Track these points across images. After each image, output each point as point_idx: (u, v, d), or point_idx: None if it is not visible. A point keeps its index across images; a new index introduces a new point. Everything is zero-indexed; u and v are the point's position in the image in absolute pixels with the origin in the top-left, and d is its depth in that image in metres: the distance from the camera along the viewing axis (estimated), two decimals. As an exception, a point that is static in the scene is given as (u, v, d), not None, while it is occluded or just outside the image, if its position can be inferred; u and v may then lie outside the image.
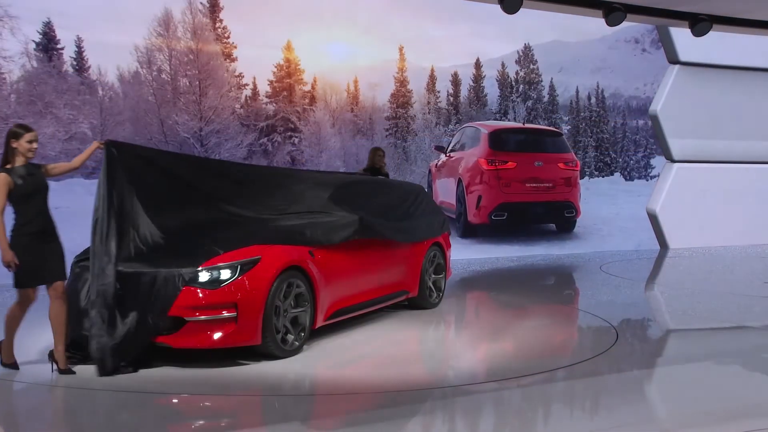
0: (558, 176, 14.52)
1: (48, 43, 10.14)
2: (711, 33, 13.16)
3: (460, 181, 13.78)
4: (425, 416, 5.03)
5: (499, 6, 9.75)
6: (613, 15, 12.12)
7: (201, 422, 4.99)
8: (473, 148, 13.73)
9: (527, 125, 14.60)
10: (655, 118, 15.16)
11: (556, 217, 14.46)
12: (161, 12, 10.76)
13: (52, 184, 9.76)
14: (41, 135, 9.83)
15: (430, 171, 14.70)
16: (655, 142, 15.13)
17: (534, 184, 14.18)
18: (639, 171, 15.14)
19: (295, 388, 5.60)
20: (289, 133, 11.65)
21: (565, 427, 4.78)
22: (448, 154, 14.49)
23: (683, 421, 4.92)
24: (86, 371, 5.74)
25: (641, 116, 15.01)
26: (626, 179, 15.03)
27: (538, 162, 14.27)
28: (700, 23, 12.77)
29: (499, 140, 13.92)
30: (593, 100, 14.54)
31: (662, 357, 6.88)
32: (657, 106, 15.14)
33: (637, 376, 5.97)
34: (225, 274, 5.79)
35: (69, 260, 6.39)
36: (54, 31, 10.15)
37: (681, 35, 14.35)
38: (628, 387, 5.64)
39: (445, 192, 14.39)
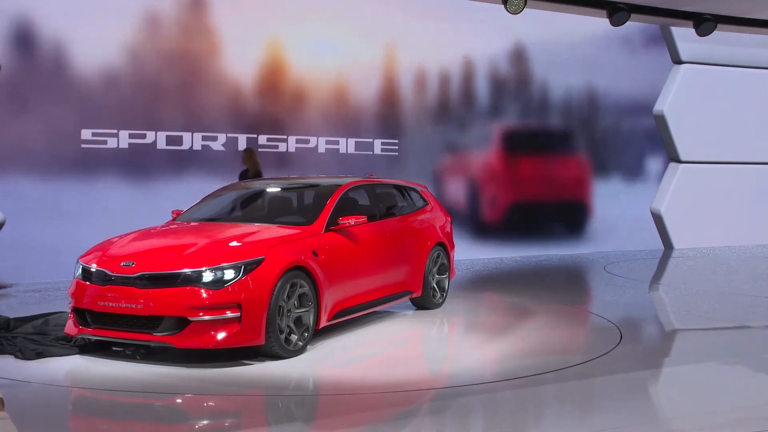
0: (570, 177, 14.54)
1: (27, 38, 10.03)
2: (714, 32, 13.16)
3: (471, 181, 13.79)
4: (429, 416, 5.03)
5: (492, 5, 9.71)
6: (618, 15, 12.14)
7: (205, 422, 5.00)
8: (485, 148, 13.74)
9: (539, 125, 14.59)
10: (661, 118, 15.13)
11: (568, 218, 14.51)
12: (146, 8, 10.67)
13: (40, 185, 9.79)
14: (23, 133, 9.85)
15: (436, 170, 14.65)
16: (649, 142, 15.16)
17: (546, 185, 14.20)
18: (632, 171, 15.12)
19: (298, 388, 5.61)
20: (275, 133, 11.66)
21: (569, 427, 4.77)
22: (455, 153, 14.47)
23: (688, 421, 4.91)
24: (87, 371, 5.76)
25: (633, 116, 14.98)
26: (623, 179, 15.00)
27: (550, 162, 14.29)
28: (704, 23, 12.78)
29: (512, 140, 13.94)
30: (585, 99, 14.49)
31: (666, 357, 6.87)
32: (663, 106, 15.11)
33: (642, 377, 5.95)
34: (229, 274, 5.80)
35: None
36: (33, 25, 10.03)
37: (684, 35, 14.33)
38: (632, 387, 5.63)
39: (455, 191, 14.39)
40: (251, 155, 10.31)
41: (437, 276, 8.34)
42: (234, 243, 6.19)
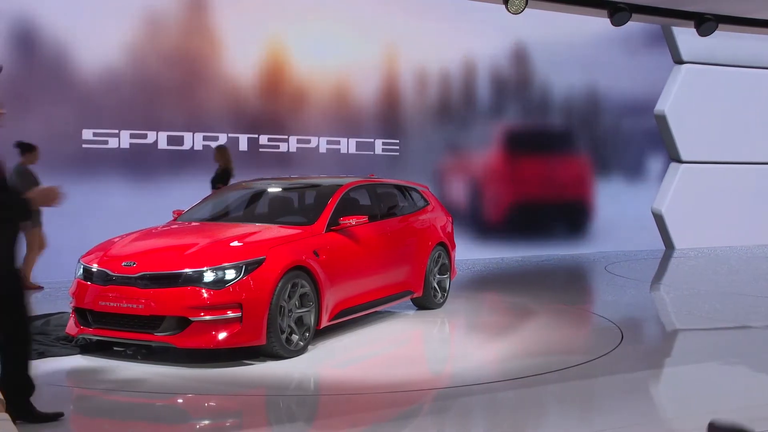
0: (571, 177, 14.52)
1: (27, 38, 10.00)
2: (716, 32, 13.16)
3: (472, 180, 13.79)
4: (431, 416, 5.03)
5: (492, 5, 9.72)
6: (619, 15, 12.15)
7: (206, 422, 5.00)
8: (486, 147, 13.74)
9: (540, 125, 14.60)
10: (662, 118, 15.13)
11: (569, 218, 14.51)
12: (146, 8, 10.65)
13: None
14: (24, 133, 9.82)
15: (436, 170, 14.67)
16: (650, 142, 15.18)
17: (547, 185, 14.18)
18: (633, 171, 15.13)
19: (299, 388, 5.61)
20: (276, 133, 11.66)
21: (570, 427, 4.77)
22: (456, 153, 14.47)
23: (689, 421, 4.90)
24: (88, 371, 5.76)
25: (634, 116, 14.99)
26: (624, 179, 15.01)
27: (551, 162, 14.27)
28: (705, 23, 12.79)
29: (513, 140, 13.93)
30: (586, 99, 14.49)
31: (667, 357, 6.87)
32: (664, 106, 15.11)
33: (643, 377, 5.95)
34: (230, 274, 5.80)
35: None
36: (34, 25, 10.00)
37: (685, 35, 14.34)
38: (633, 387, 5.63)
39: (456, 191, 14.39)
40: (224, 152, 10.17)
41: (438, 276, 8.34)
42: (235, 243, 6.20)
